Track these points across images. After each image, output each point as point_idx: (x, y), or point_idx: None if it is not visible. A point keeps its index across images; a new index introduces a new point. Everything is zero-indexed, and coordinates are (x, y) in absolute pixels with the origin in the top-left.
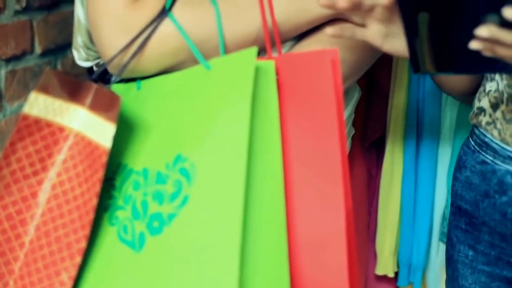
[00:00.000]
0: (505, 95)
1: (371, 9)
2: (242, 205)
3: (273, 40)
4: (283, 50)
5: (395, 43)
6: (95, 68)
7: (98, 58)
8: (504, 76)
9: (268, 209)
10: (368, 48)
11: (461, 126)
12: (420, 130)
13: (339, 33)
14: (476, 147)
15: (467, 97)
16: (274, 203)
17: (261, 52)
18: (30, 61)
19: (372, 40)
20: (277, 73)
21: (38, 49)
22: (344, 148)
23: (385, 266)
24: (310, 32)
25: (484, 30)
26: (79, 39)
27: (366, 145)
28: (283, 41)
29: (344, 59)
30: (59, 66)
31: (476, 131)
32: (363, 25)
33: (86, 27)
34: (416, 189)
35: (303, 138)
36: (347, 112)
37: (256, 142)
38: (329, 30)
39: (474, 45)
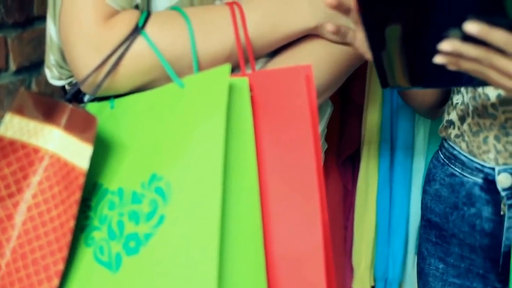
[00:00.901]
0: (471, 108)
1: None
2: (218, 223)
3: (246, 57)
4: (257, 67)
5: None
6: (67, 87)
7: (71, 76)
8: (469, 89)
9: (245, 225)
10: (342, 64)
11: (434, 140)
12: (394, 145)
13: (336, 31)
14: (445, 160)
15: (433, 112)
16: (250, 219)
17: (235, 69)
18: (5, 79)
19: (358, 46)
20: (251, 90)
21: (12, 67)
22: (320, 163)
23: (361, 280)
24: (284, 48)
25: (447, 45)
26: (51, 57)
27: (341, 160)
28: (257, 58)
29: (318, 75)
30: (33, 84)
31: (445, 144)
32: (336, 41)
33: (58, 45)
34: (391, 203)
35: (279, 154)
36: (320, 127)
37: (231, 159)
38: (330, 27)
39: (438, 59)
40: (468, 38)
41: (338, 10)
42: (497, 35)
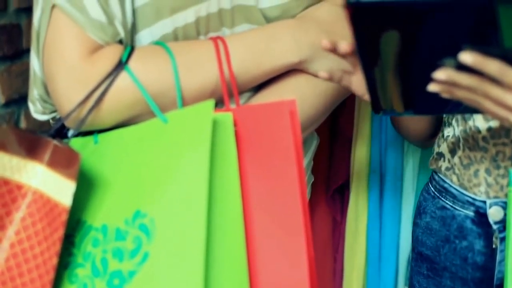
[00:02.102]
0: (461, 141)
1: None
2: (203, 261)
3: (231, 92)
4: (241, 101)
5: None
6: (51, 122)
7: (54, 111)
8: (460, 121)
9: (230, 262)
10: (327, 98)
11: (424, 171)
12: (383, 177)
13: (329, 78)
14: (435, 192)
15: (426, 142)
16: (235, 255)
17: (219, 104)
18: None
19: (355, 88)
20: (235, 125)
21: (1, 99)
22: (305, 198)
23: None
24: (268, 83)
25: (441, 73)
26: (35, 91)
27: (329, 192)
28: (241, 93)
29: (302, 109)
30: (22, 117)
31: (436, 177)
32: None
33: (42, 79)
34: (381, 235)
35: (263, 189)
36: (306, 160)
37: (216, 195)
38: (323, 74)
39: (432, 87)
40: (462, 67)
41: (334, 53)
42: (491, 65)
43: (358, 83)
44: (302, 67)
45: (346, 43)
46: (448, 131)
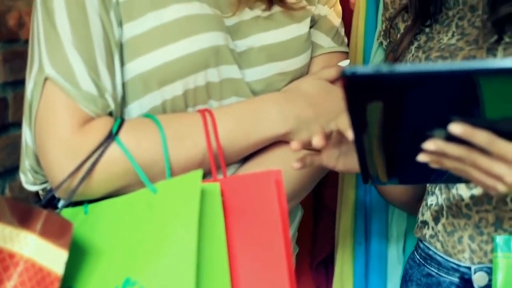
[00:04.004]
0: (445, 209)
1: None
2: None
3: (218, 163)
4: (229, 172)
5: (347, 161)
6: (41, 193)
7: (45, 182)
8: (443, 190)
9: None
10: (311, 169)
11: (408, 241)
12: (368, 247)
13: (302, 166)
14: (421, 260)
15: (412, 206)
16: None
17: (208, 175)
18: None
19: (327, 163)
20: (223, 195)
21: None
22: (291, 266)
23: None
24: (255, 154)
25: (431, 144)
26: (26, 162)
27: (314, 263)
28: (228, 164)
29: (288, 180)
30: (7, 190)
31: (421, 245)
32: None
33: (33, 150)
34: None
35: (250, 258)
36: (291, 231)
37: (204, 263)
38: (296, 165)
39: (422, 157)
40: (451, 137)
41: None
42: (480, 136)
43: (327, 158)
44: (288, 138)
45: (317, 139)
46: (431, 200)
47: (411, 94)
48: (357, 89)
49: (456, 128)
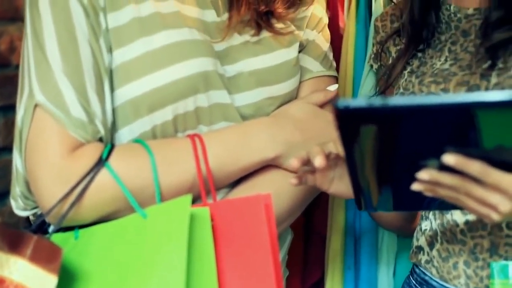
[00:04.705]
0: (439, 234)
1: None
2: None
3: (208, 187)
4: (219, 197)
5: (340, 185)
6: (31, 218)
7: (36, 207)
8: (437, 215)
9: None
10: (301, 193)
11: (398, 266)
12: (358, 271)
13: (299, 183)
14: (417, 285)
15: (404, 228)
16: None
17: (198, 199)
18: None
19: (320, 184)
20: (212, 219)
21: None
22: None
23: None
24: (245, 178)
25: (425, 174)
26: (17, 188)
27: (305, 287)
28: (218, 188)
29: (277, 204)
30: None
31: (417, 270)
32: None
33: (24, 176)
34: None
35: (240, 282)
36: (281, 255)
37: None
38: (293, 180)
39: (416, 186)
40: (445, 167)
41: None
42: (473, 166)
43: (321, 180)
44: (278, 162)
45: (320, 159)
46: (425, 225)
47: (403, 125)
48: (350, 121)
49: (449, 158)
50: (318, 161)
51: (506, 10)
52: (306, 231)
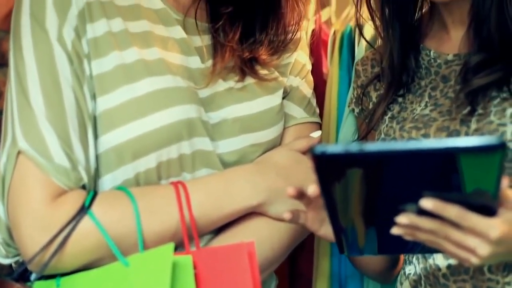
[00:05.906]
0: (423, 278)
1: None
2: None
3: (191, 235)
4: (202, 244)
5: (330, 228)
6: (14, 265)
7: (18, 255)
8: (420, 259)
9: None
10: (285, 239)
11: None
12: None
13: (291, 218)
14: None
15: (385, 275)
16: None
17: (181, 247)
18: None
19: (311, 225)
20: (195, 267)
21: None
22: None
23: None
24: (228, 225)
25: (404, 218)
26: None
27: None
28: (201, 235)
29: (261, 251)
30: None
31: None
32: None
33: (6, 224)
34: None
35: None
36: None
37: None
38: (287, 215)
39: (395, 230)
40: (424, 211)
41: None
42: (451, 211)
43: (312, 220)
44: (261, 210)
45: (313, 187)
46: (409, 269)
47: (381, 170)
48: (327, 167)
49: (427, 203)
50: (312, 189)
51: (486, 54)
52: (291, 274)
